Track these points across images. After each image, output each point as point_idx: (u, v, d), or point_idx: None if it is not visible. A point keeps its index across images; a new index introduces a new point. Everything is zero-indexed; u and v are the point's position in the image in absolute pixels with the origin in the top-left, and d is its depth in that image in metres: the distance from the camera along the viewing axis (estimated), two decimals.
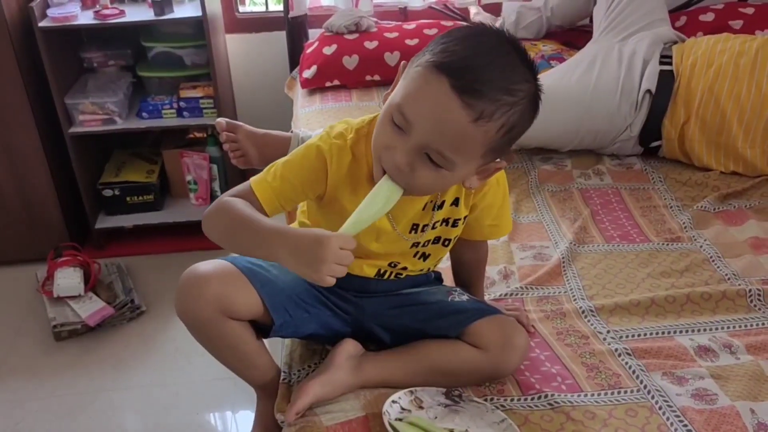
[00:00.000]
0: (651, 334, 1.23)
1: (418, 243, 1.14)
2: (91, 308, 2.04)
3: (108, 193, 2.38)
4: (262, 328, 1.13)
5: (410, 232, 1.12)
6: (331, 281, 0.91)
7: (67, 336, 2.01)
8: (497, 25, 2.38)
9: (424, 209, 1.11)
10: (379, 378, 1.11)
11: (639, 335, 1.22)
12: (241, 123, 1.59)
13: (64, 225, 2.31)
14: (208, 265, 1.08)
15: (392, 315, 1.17)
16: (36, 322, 2.08)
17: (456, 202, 1.11)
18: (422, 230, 1.12)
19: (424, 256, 1.18)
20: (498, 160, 1.00)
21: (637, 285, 1.35)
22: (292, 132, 1.66)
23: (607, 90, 1.73)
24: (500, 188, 1.14)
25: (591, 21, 2.16)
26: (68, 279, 2.08)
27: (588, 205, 1.63)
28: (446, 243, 1.17)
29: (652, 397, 1.08)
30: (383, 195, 0.97)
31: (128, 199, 2.40)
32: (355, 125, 1.08)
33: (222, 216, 1.03)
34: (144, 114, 2.27)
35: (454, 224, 1.14)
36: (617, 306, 1.29)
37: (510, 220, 1.21)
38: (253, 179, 1.07)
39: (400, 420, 1.04)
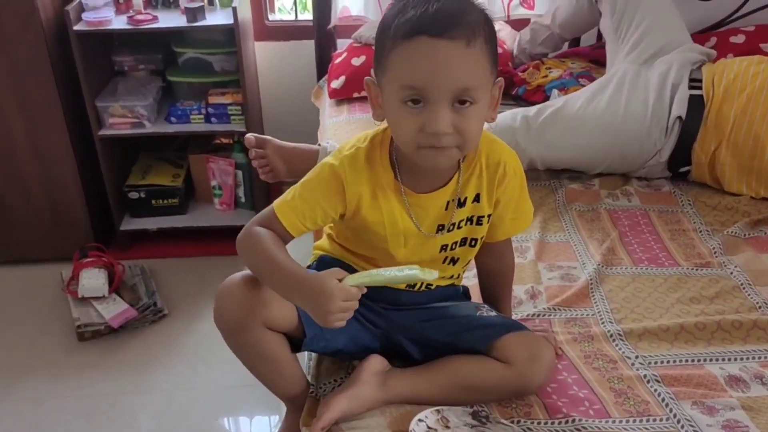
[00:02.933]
0: (680, 361, 1.21)
1: (446, 246, 1.15)
2: (115, 310, 2.05)
3: (134, 195, 2.40)
4: (293, 343, 1.14)
5: (437, 233, 1.13)
6: (338, 326, 0.98)
7: (90, 336, 2.02)
8: (515, 43, 2.39)
9: (447, 209, 1.12)
10: (405, 394, 1.11)
11: (668, 362, 1.21)
12: (269, 137, 1.60)
13: (89, 225, 2.33)
14: (247, 274, 1.09)
15: (421, 328, 1.18)
16: (59, 321, 2.10)
17: (477, 198, 1.12)
18: (449, 230, 1.13)
19: (453, 261, 1.19)
20: (497, 80, 1.03)
21: (666, 310, 1.34)
22: (319, 145, 1.67)
23: (637, 115, 1.72)
24: (517, 178, 1.15)
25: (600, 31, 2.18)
26: (93, 280, 2.09)
27: (616, 227, 1.61)
28: (473, 243, 1.17)
29: (682, 427, 1.07)
30: (412, 277, 1.03)
31: (153, 201, 2.42)
32: (369, 134, 1.11)
33: (249, 250, 1.07)
34: (172, 119, 2.29)
35: (479, 222, 1.14)
36: (646, 331, 1.28)
37: (530, 208, 1.20)
38: (276, 202, 1.09)
39: None
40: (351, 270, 1.18)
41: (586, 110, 1.74)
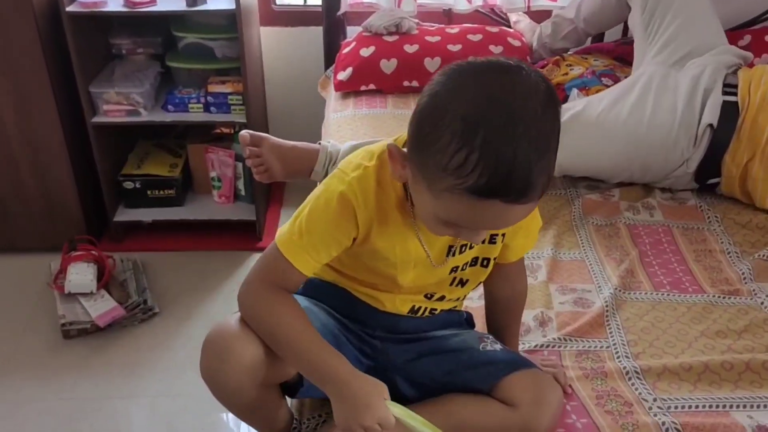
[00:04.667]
0: (704, 406, 1.09)
1: (457, 267, 1.04)
2: (102, 308, 1.96)
3: (129, 185, 2.30)
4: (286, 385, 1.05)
5: (447, 256, 1.01)
6: None
7: (76, 335, 1.93)
8: (535, 36, 2.24)
9: None
10: None
11: (690, 407, 1.09)
12: (266, 135, 1.49)
13: (82, 215, 2.23)
14: (241, 323, 0.95)
15: (418, 366, 1.07)
16: (45, 316, 2.01)
17: None
18: (460, 251, 1.01)
19: (462, 282, 1.07)
20: None
21: (689, 345, 1.22)
22: (320, 144, 1.55)
23: (664, 122, 1.58)
24: None
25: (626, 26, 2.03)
26: (81, 275, 2.00)
27: (636, 245, 1.49)
28: (485, 263, 1.06)
29: None
30: None
31: (149, 192, 2.32)
32: (376, 150, 0.96)
33: (266, 322, 0.94)
34: (170, 107, 2.18)
35: (492, 240, 1.03)
36: (666, 369, 1.16)
37: (539, 224, 1.10)
38: (280, 243, 0.95)
39: None
40: (344, 294, 1.08)
41: (608, 115, 1.60)
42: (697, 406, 1.09)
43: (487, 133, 0.74)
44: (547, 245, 1.48)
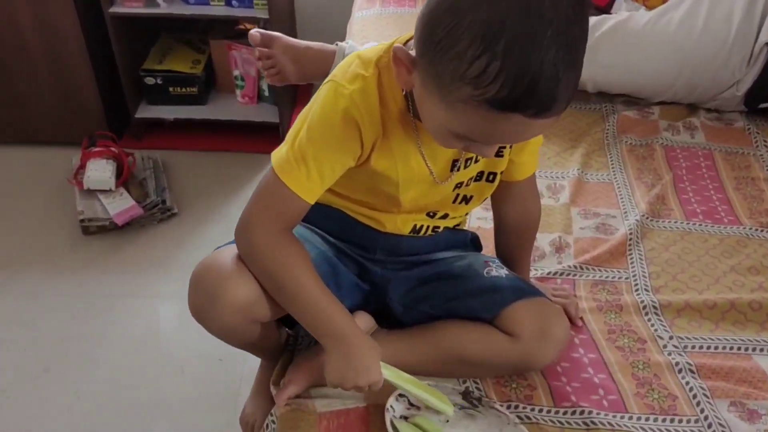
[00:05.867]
0: (724, 348, 1.02)
1: (461, 183, 0.96)
2: (121, 206, 1.94)
3: (150, 81, 2.23)
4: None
5: (451, 171, 0.93)
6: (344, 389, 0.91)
7: (96, 231, 1.93)
8: None
9: None
10: (389, 362, 0.96)
11: (708, 347, 1.02)
12: (278, 34, 1.39)
13: (102, 111, 2.19)
14: (234, 261, 0.88)
15: (421, 291, 1.01)
16: (66, 210, 2.00)
17: None
18: (465, 166, 0.93)
19: (466, 199, 1.00)
20: None
21: (716, 280, 1.13)
22: (337, 44, 1.45)
23: (717, 38, 1.42)
24: None
25: None
26: (100, 171, 1.97)
27: (671, 168, 1.38)
28: (491, 178, 0.98)
29: None
30: (442, 410, 0.91)
31: (171, 89, 2.25)
32: (372, 57, 0.85)
33: (267, 267, 0.87)
34: None
35: (499, 153, 0.95)
36: (687, 305, 1.08)
37: (540, 137, 1.00)
38: (278, 167, 0.86)
39: (406, 419, 0.90)
40: (341, 216, 1.00)
41: (655, 26, 1.45)
42: (716, 347, 1.02)
43: (512, 38, 0.65)
44: (573, 164, 1.38)
